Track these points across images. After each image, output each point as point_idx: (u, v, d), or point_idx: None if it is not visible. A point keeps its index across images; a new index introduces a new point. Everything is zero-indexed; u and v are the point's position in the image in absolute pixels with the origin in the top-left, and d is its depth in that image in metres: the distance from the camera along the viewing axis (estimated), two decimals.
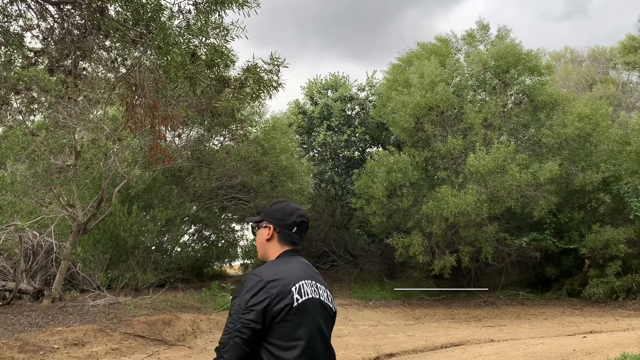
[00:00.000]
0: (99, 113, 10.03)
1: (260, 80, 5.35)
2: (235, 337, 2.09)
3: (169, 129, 9.71)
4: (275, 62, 5.30)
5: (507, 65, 14.89)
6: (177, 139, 14.16)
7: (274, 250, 2.37)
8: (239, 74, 6.03)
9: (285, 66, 5.30)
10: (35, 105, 9.32)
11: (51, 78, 8.18)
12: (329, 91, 18.86)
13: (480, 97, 15.82)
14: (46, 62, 7.60)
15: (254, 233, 2.48)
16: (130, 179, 10.68)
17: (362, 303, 14.38)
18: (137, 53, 6.67)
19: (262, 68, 5.35)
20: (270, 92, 5.41)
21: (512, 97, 15.82)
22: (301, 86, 21.39)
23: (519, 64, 14.90)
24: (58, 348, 7.69)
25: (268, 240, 2.38)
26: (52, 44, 7.01)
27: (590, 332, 10.52)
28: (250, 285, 2.17)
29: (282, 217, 2.38)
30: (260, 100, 5.59)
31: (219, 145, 14.78)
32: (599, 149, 14.80)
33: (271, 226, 2.38)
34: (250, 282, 2.19)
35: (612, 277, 14.23)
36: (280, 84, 5.36)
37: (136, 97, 7.22)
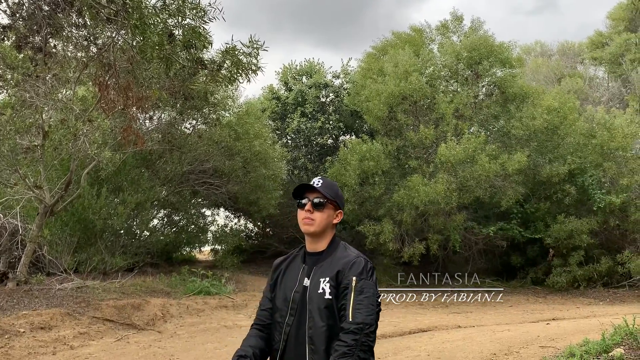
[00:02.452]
0: (68, 93, 9.74)
1: (238, 63, 5.28)
2: (377, 319, 2.19)
3: (141, 110, 9.52)
4: (255, 45, 5.23)
5: (479, 56, 15.06)
6: (147, 121, 13.87)
7: (331, 233, 2.41)
8: (214, 56, 5.94)
9: (265, 49, 5.25)
10: (1, 83, 9.00)
11: (18, 55, 7.91)
12: (304, 77, 18.74)
13: (452, 87, 15.97)
14: (13, 38, 7.33)
15: (321, 207, 2.35)
16: (100, 161, 10.46)
17: None
18: (109, 32, 6.49)
19: (241, 51, 5.28)
20: (249, 75, 5.36)
21: (484, 89, 16.05)
22: (276, 71, 21.19)
23: (491, 56, 15.08)
24: (24, 332, 7.54)
25: (335, 223, 2.41)
26: (21, 19, 6.77)
27: (553, 319, 10.85)
28: (371, 269, 2.25)
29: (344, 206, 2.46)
30: (239, 83, 5.55)
31: (191, 129, 14.55)
32: (566, 141, 15.17)
33: (342, 213, 2.42)
34: (369, 265, 2.25)
35: (575, 266, 14.70)
36: (260, 67, 5.31)
37: (108, 77, 7.05)
